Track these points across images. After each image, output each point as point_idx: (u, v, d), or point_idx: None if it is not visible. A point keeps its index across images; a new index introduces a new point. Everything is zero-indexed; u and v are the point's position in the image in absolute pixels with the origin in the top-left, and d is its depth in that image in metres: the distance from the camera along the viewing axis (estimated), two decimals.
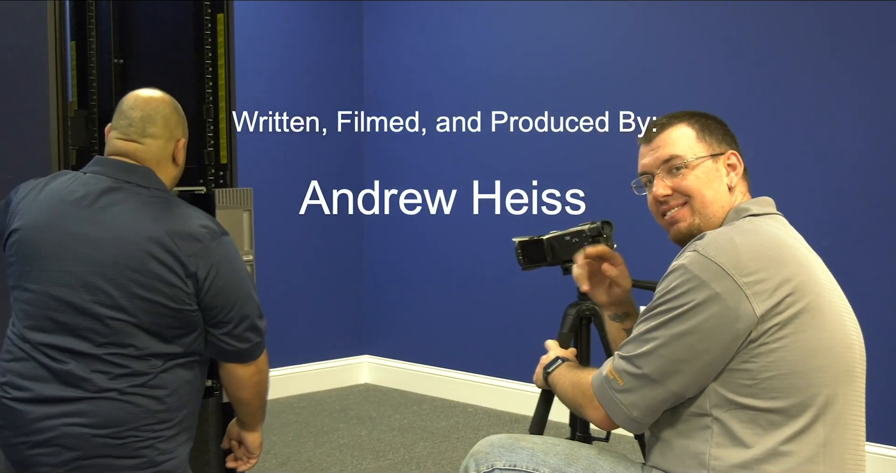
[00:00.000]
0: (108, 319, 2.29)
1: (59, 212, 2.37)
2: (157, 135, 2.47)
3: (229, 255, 2.41)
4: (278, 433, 4.42)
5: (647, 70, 4.31)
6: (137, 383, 2.29)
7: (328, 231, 5.31)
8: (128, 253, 2.29)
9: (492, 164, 4.86)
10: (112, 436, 2.28)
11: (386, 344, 5.43)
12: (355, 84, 5.43)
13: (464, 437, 4.35)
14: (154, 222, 2.32)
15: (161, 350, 2.33)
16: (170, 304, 2.30)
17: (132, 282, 2.28)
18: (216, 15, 3.29)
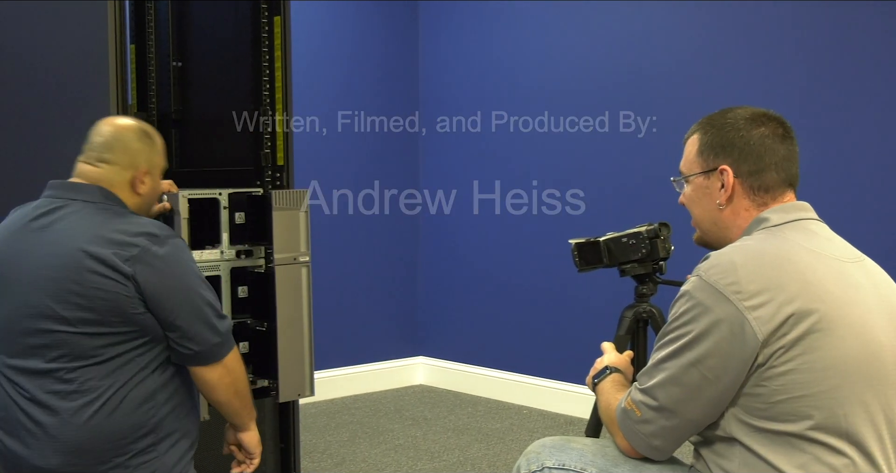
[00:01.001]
0: (53, 333, 2.29)
1: (15, 237, 2.41)
2: (113, 161, 2.46)
3: (175, 257, 2.35)
4: (334, 433, 4.44)
5: (719, 71, 4.27)
6: (95, 399, 2.28)
7: (384, 232, 5.33)
8: (65, 266, 2.29)
9: (549, 165, 4.84)
10: (73, 463, 2.28)
11: (441, 345, 5.43)
12: (411, 85, 5.44)
13: (518, 439, 4.34)
14: (92, 233, 2.32)
15: (113, 355, 2.31)
16: (113, 310, 2.28)
17: (72, 294, 2.28)
18: (273, 17, 3.31)
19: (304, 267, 3.19)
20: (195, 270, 2.41)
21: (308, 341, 3.22)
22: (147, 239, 2.32)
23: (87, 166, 2.46)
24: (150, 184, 2.51)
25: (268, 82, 3.34)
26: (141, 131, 2.52)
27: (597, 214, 4.59)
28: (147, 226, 2.36)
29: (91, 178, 2.44)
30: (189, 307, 2.34)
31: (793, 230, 1.89)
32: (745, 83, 4.12)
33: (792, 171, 1.96)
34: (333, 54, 5.13)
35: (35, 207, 2.44)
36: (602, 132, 4.61)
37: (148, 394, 2.34)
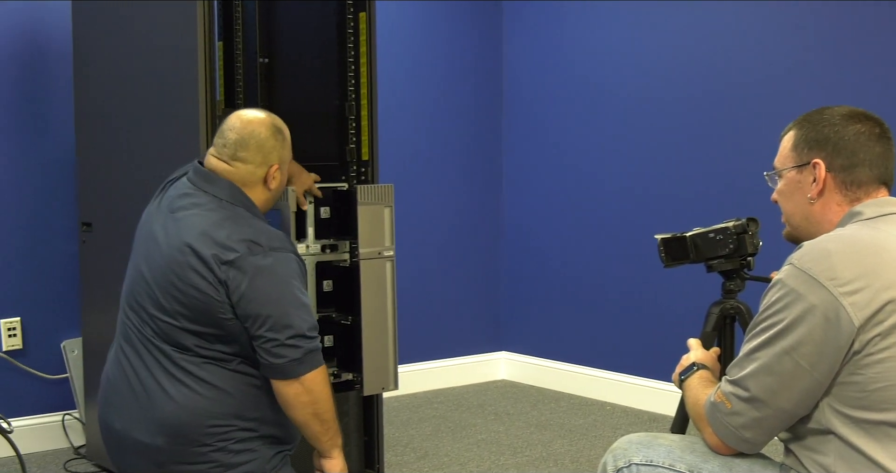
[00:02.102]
0: (157, 319, 2.37)
1: (155, 213, 2.50)
2: (248, 160, 2.48)
3: (271, 269, 2.36)
4: (416, 427, 4.46)
5: (810, 71, 4.19)
6: (189, 384, 2.35)
7: (466, 227, 5.33)
8: (172, 258, 2.36)
9: (632, 162, 4.79)
10: (173, 442, 2.34)
11: (523, 340, 5.42)
12: (494, 84, 5.43)
13: (602, 435, 4.31)
14: (204, 230, 2.36)
15: (208, 351, 2.37)
16: (204, 311, 2.33)
17: (172, 286, 2.35)
18: (358, 14, 3.34)
19: (388, 261, 3.22)
20: (291, 285, 2.40)
21: (392, 335, 3.24)
22: (248, 247, 2.34)
23: (222, 164, 2.49)
24: (279, 179, 2.55)
25: (353, 78, 3.36)
26: (273, 127, 2.54)
27: (683, 209, 4.53)
28: (254, 234, 2.37)
29: (225, 176, 2.48)
30: (273, 320, 2.34)
31: (886, 223, 1.86)
32: (842, 84, 4.02)
33: (886, 169, 1.93)
34: (415, 53, 5.15)
35: (176, 188, 2.51)
36: (686, 129, 4.55)
37: (245, 386, 2.38)
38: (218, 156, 2.50)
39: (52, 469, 3.85)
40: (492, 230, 5.43)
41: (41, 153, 4.11)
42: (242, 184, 2.48)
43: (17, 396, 4.02)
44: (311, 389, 2.39)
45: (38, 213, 4.10)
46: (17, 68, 4.05)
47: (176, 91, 3.23)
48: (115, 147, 3.63)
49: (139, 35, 3.46)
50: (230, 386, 2.36)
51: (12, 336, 4.04)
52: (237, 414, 2.36)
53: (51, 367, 4.13)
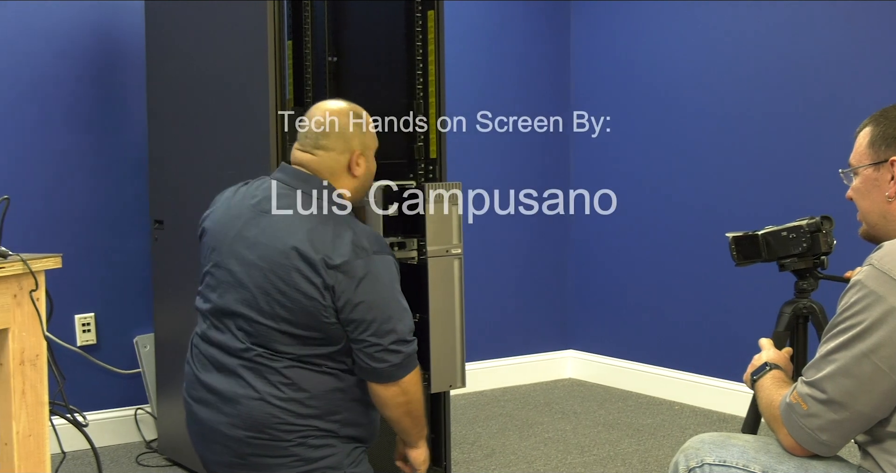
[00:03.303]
0: (252, 321, 2.37)
1: (238, 214, 2.48)
2: (330, 148, 2.48)
3: (376, 273, 2.36)
4: (483, 425, 4.46)
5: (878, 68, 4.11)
6: (276, 384, 2.35)
7: (534, 226, 5.32)
8: (274, 261, 2.34)
9: (703, 160, 4.74)
10: (256, 436, 2.35)
11: (591, 338, 5.39)
12: (562, 83, 5.40)
13: (670, 435, 4.27)
14: (307, 233, 2.35)
15: (300, 353, 2.37)
16: (308, 314, 2.33)
17: (275, 289, 2.34)
18: (427, 12, 3.34)
19: (456, 259, 3.22)
20: (394, 289, 2.41)
21: (460, 333, 3.24)
22: (353, 251, 2.33)
23: (305, 154, 2.49)
24: (364, 166, 2.53)
25: (421, 76, 3.37)
26: (353, 114, 2.54)
27: (755, 207, 4.47)
28: (360, 239, 2.37)
29: (313, 168, 2.48)
30: (377, 325, 2.35)
31: None
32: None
33: None
34: (483, 52, 5.14)
35: (265, 188, 2.49)
36: (757, 126, 4.49)
37: (330, 390, 2.39)
38: (301, 147, 2.51)
39: (125, 462, 3.91)
40: (560, 228, 5.41)
41: (115, 152, 4.18)
42: (330, 173, 2.48)
43: (91, 390, 4.09)
44: (408, 390, 2.42)
45: (111, 211, 4.17)
46: (91, 68, 4.13)
47: (246, 90, 3.26)
48: (186, 145, 3.68)
49: (210, 34, 3.50)
50: (316, 389, 2.36)
51: (86, 331, 4.12)
52: (319, 416, 2.37)
53: (124, 362, 4.20)
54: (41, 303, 2.30)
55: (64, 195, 4.08)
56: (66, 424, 2.67)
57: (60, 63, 4.06)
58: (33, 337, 2.28)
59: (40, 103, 4.02)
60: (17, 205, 2.47)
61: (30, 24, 3.98)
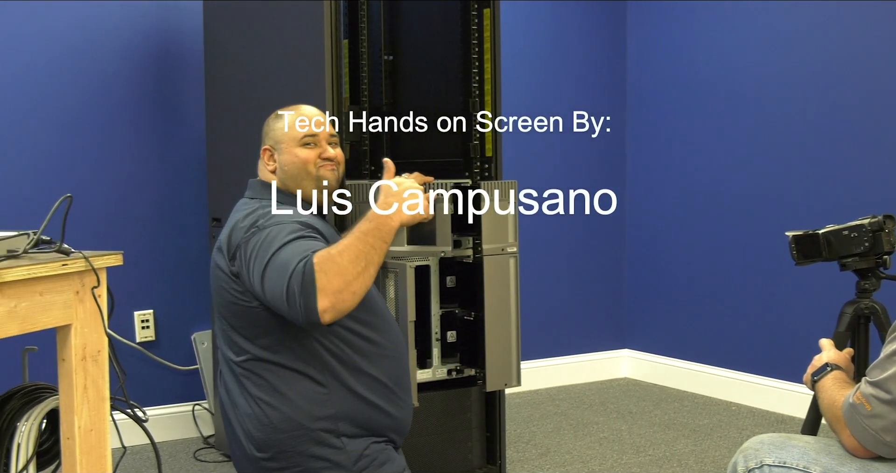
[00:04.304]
0: (217, 326, 2.48)
1: None
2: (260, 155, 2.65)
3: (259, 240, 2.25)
4: (538, 424, 4.45)
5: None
6: (257, 397, 2.37)
7: (590, 224, 5.29)
8: (213, 262, 2.45)
9: (760, 159, 4.69)
10: (260, 450, 2.36)
11: (647, 338, 5.36)
12: (618, 82, 5.37)
13: (727, 436, 4.23)
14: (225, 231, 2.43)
15: (255, 354, 2.37)
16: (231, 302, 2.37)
17: (213, 289, 2.45)
18: (483, 10, 3.34)
19: (511, 257, 3.21)
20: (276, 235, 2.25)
21: (515, 331, 3.24)
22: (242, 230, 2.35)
23: None
24: (265, 163, 2.61)
25: (477, 74, 3.37)
26: (272, 114, 2.64)
27: (814, 206, 4.41)
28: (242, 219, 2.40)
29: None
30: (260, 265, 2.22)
31: None
32: None
33: None
34: (539, 51, 5.12)
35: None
36: (817, 125, 4.43)
37: (309, 390, 2.37)
38: None
39: (183, 457, 3.96)
40: (615, 227, 5.38)
41: (174, 151, 4.23)
42: (260, 171, 2.63)
43: (150, 386, 4.15)
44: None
45: (170, 209, 4.23)
46: (151, 68, 4.18)
47: (303, 89, 3.28)
48: (243, 144, 3.70)
49: (268, 34, 3.53)
50: (292, 392, 2.35)
51: (145, 328, 4.17)
52: (310, 418, 2.35)
53: (182, 358, 4.25)
54: (103, 300, 2.32)
55: (125, 193, 4.14)
56: (126, 419, 2.70)
57: (121, 64, 4.12)
58: (95, 333, 2.31)
59: (103, 104, 4.09)
60: (80, 202, 2.50)
61: (93, 27, 4.05)
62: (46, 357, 2.55)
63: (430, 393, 3.20)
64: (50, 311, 2.20)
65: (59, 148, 4.00)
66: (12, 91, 3.92)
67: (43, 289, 2.16)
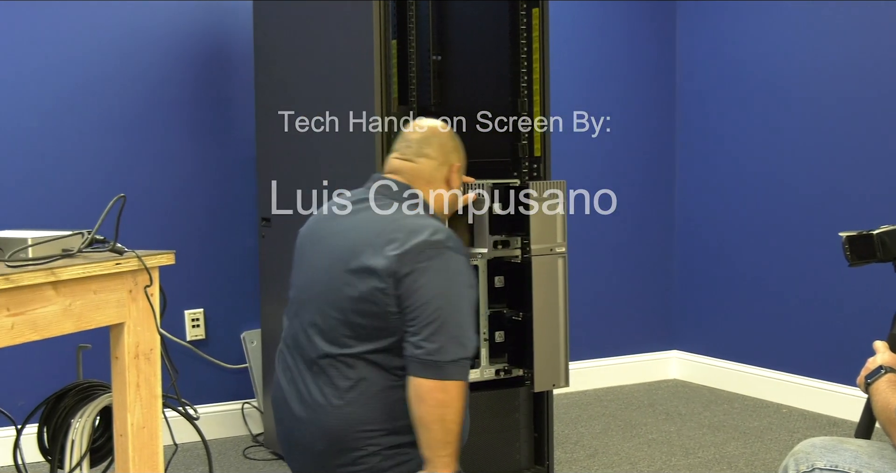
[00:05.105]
0: (327, 317, 2.38)
1: (324, 219, 2.54)
2: (432, 157, 2.55)
3: (444, 267, 2.32)
4: (586, 425, 4.44)
5: None
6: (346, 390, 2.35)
7: (639, 224, 5.27)
8: (347, 254, 2.36)
9: (810, 160, 4.63)
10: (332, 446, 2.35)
11: (696, 339, 5.31)
12: (668, 83, 5.33)
13: (778, 439, 4.18)
14: (382, 225, 2.37)
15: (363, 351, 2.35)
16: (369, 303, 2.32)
17: (343, 283, 2.35)
18: (531, 10, 3.34)
19: (560, 258, 3.21)
20: (462, 289, 2.35)
21: (563, 332, 3.23)
22: (426, 243, 2.33)
23: (407, 163, 2.55)
24: (457, 182, 2.60)
25: (525, 74, 3.37)
26: (452, 132, 2.63)
27: (869, 206, 4.35)
28: (431, 229, 2.37)
29: (411, 176, 2.53)
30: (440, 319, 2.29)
31: None
32: None
33: None
34: (588, 51, 5.10)
35: (351, 196, 2.55)
36: (870, 124, 4.37)
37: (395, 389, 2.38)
38: (401, 156, 2.56)
39: (233, 455, 3.99)
40: (665, 227, 5.35)
41: (224, 151, 4.27)
42: (426, 182, 2.53)
43: (200, 384, 4.19)
44: (449, 390, 2.29)
45: (220, 209, 4.26)
46: (200, 68, 4.22)
47: (352, 89, 3.30)
48: (292, 144, 3.73)
49: (317, 34, 3.55)
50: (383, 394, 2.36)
51: (196, 326, 4.21)
52: (387, 420, 2.36)
53: (231, 357, 4.29)
54: (155, 299, 2.35)
55: (176, 194, 4.18)
56: (177, 417, 2.73)
57: (173, 65, 4.16)
58: (147, 331, 2.34)
59: (155, 106, 4.13)
60: (132, 202, 2.54)
61: (143, 28, 4.09)
62: (100, 354, 2.59)
63: (478, 393, 3.19)
64: (104, 310, 2.23)
65: (112, 149, 4.05)
66: (67, 93, 3.98)
67: (97, 288, 2.19)
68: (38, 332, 2.06)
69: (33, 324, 2.04)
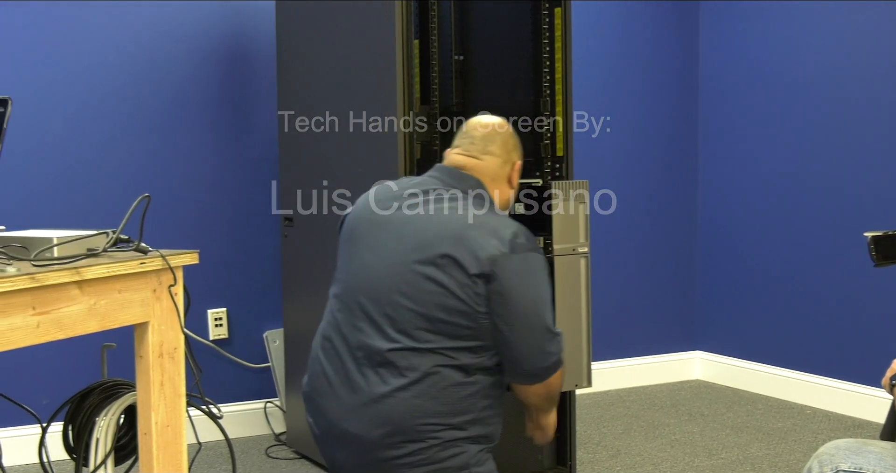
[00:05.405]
0: (399, 307, 2.34)
1: (382, 203, 2.50)
2: (496, 154, 2.55)
3: (530, 270, 2.36)
4: (609, 425, 4.42)
5: None
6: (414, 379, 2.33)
7: (662, 224, 5.25)
8: (425, 244, 2.34)
9: (835, 161, 4.60)
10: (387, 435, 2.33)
11: (719, 339, 5.29)
12: (691, 82, 5.31)
13: (802, 440, 4.16)
14: (460, 221, 2.36)
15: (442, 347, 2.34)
16: (455, 300, 2.31)
17: (421, 275, 2.32)
18: (554, 9, 3.33)
19: (582, 258, 3.20)
20: (543, 290, 2.41)
21: (586, 332, 3.22)
22: (510, 243, 2.34)
23: (471, 159, 2.54)
24: (517, 179, 2.62)
25: (548, 74, 3.36)
26: (511, 128, 2.64)
27: (892, 206, 4.32)
28: (511, 227, 2.40)
29: (476, 173, 2.53)
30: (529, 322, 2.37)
31: None
32: None
33: None
34: (610, 51, 5.08)
35: (416, 184, 2.53)
36: (891, 123, 4.34)
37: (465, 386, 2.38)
38: (466, 153, 2.55)
39: (255, 453, 4.00)
40: (687, 227, 5.33)
41: (246, 151, 4.28)
42: (491, 179, 2.54)
43: (223, 383, 4.20)
44: (551, 384, 2.50)
45: (243, 209, 4.28)
46: (224, 69, 4.24)
47: (374, 88, 3.30)
48: (314, 144, 3.74)
49: (339, 34, 3.56)
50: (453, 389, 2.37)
51: (219, 326, 4.23)
52: (451, 414, 2.36)
53: (254, 356, 4.30)
54: (179, 298, 2.36)
55: (199, 193, 4.20)
56: (199, 415, 2.74)
57: (196, 66, 4.18)
58: (172, 330, 2.35)
59: (178, 106, 4.15)
60: (157, 202, 2.55)
61: (167, 29, 4.11)
62: (124, 353, 2.60)
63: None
64: (128, 309, 2.24)
65: (136, 150, 4.08)
66: (92, 93, 4.00)
67: (122, 287, 2.20)
68: (64, 331, 2.07)
69: (59, 323, 2.05)
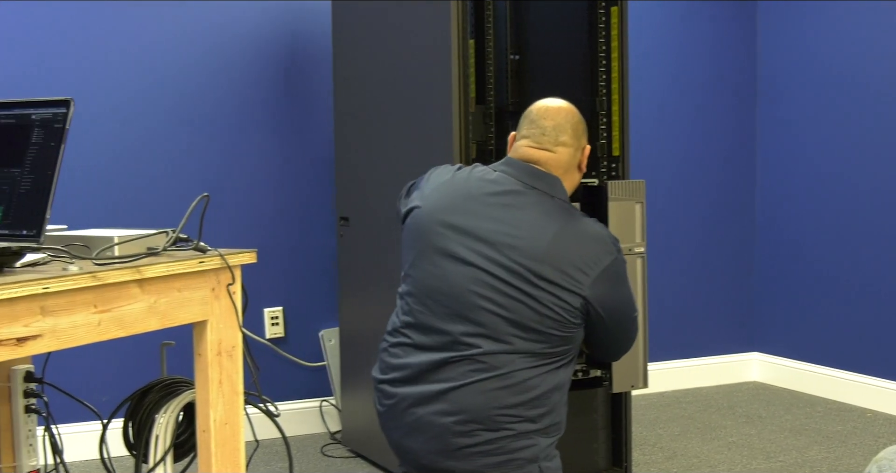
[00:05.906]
0: (485, 312, 2.35)
1: (461, 201, 2.47)
2: (568, 144, 2.52)
3: (622, 277, 2.47)
4: (665, 427, 4.39)
5: None
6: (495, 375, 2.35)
7: (719, 224, 5.20)
8: (515, 259, 2.34)
9: (892, 160, 4.54)
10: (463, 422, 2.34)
11: (778, 341, 5.23)
12: (748, 82, 5.25)
13: (862, 444, 4.10)
14: (550, 233, 2.37)
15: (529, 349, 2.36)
16: (554, 310, 2.33)
17: (513, 287, 2.34)
18: (610, 8, 3.31)
19: (639, 258, 3.18)
20: (631, 290, 2.54)
21: (643, 333, 3.20)
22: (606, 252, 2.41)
23: (545, 152, 2.52)
24: (585, 163, 2.63)
25: (604, 73, 3.34)
26: (577, 111, 2.61)
27: None
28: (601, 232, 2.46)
29: (549, 166, 2.52)
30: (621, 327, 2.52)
31: None
32: None
33: None
34: (667, 50, 5.04)
35: (494, 181, 2.49)
36: None
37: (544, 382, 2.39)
38: (538, 145, 2.53)
39: (311, 452, 4.03)
40: (745, 227, 5.27)
41: (303, 151, 4.31)
42: (564, 170, 2.53)
43: (279, 381, 4.23)
44: None
45: (299, 208, 4.31)
46: (280, 68, 4.27)
47: (430, 88, 3.31)
48: (370, 144, 3.75)
49: (395, 34, 3.57)
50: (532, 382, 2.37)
51: (275, 324, 4.26)
52: (528, 407, 2.37)
53: (309, 355, 4.33)
54: (237, 297, 2.38)
55: (257, 193, 4.24)
56: (256, 413, 2.77)
57: (254, 65, 4.21)
58: (230, 329, 2.37)
59: (236, 105, 4.19)
60: (214, 202, 2.57)
61: (226, 29, 4.16)
62: (183, 351, 2.63)
63: None
64: (187, 307, 2.26)
65: (196, 149, 4.12)
66: (152, 94, 4.05)
67: (181, 286, 2.23)
68: (124, 329, 2.10)
69: (119, 321, 2.08)
